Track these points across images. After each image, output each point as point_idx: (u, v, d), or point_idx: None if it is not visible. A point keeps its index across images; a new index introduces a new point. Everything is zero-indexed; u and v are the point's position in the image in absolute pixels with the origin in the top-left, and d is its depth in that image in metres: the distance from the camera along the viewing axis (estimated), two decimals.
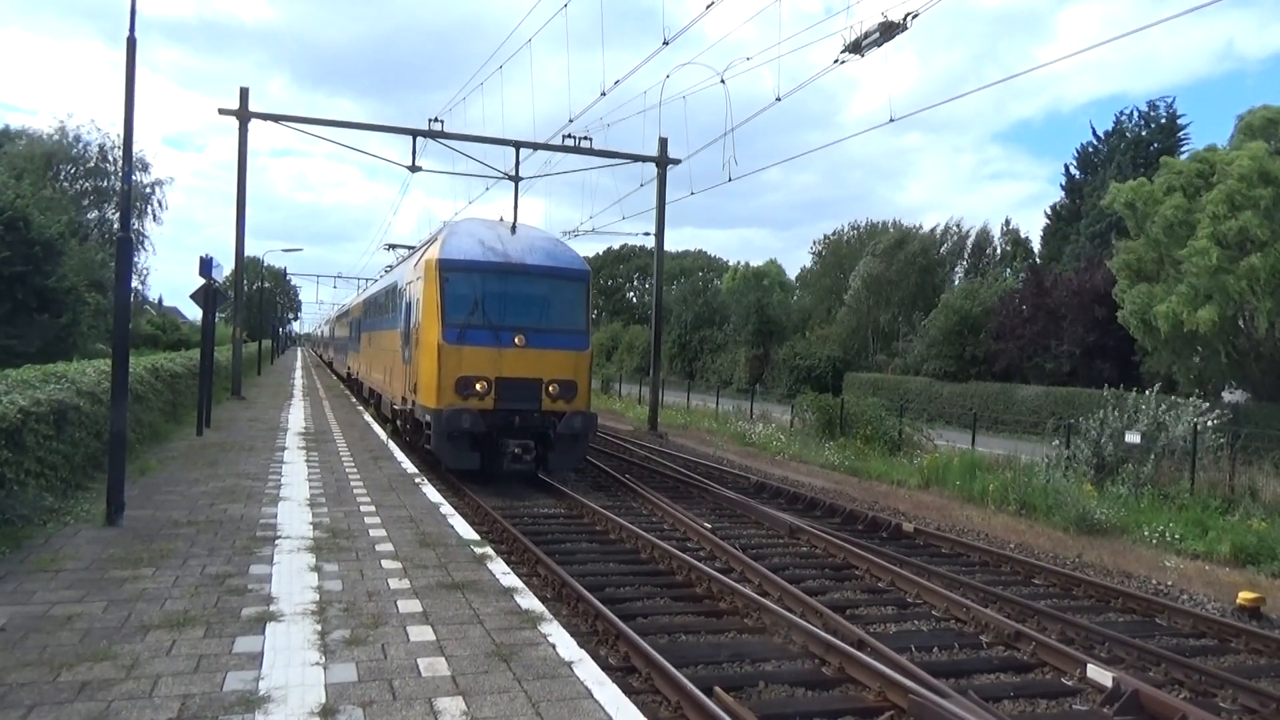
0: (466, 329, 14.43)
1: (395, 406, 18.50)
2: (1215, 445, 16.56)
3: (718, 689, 6.83)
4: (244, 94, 25.63)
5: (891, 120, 15.73)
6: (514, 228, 16.23)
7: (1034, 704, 7.27)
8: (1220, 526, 13.16)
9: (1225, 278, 24.16)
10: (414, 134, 26.60)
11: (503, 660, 5.35)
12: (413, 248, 27.77)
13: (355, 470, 12.98)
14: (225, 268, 22.30)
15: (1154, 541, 13.13)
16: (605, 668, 5.70)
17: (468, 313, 14.54)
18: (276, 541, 8.15)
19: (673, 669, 7.01)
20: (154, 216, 50.94)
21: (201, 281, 17.07)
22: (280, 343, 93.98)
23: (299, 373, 49.07)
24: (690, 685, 6.69)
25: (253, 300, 60.82)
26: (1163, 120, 42.82)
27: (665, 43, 13.65)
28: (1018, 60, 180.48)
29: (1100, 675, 7.54)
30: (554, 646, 5.68)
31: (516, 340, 14.53)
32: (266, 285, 78.30)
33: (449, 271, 14.69)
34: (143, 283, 53.78)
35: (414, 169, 27.79)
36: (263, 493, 10.73)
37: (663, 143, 28.46)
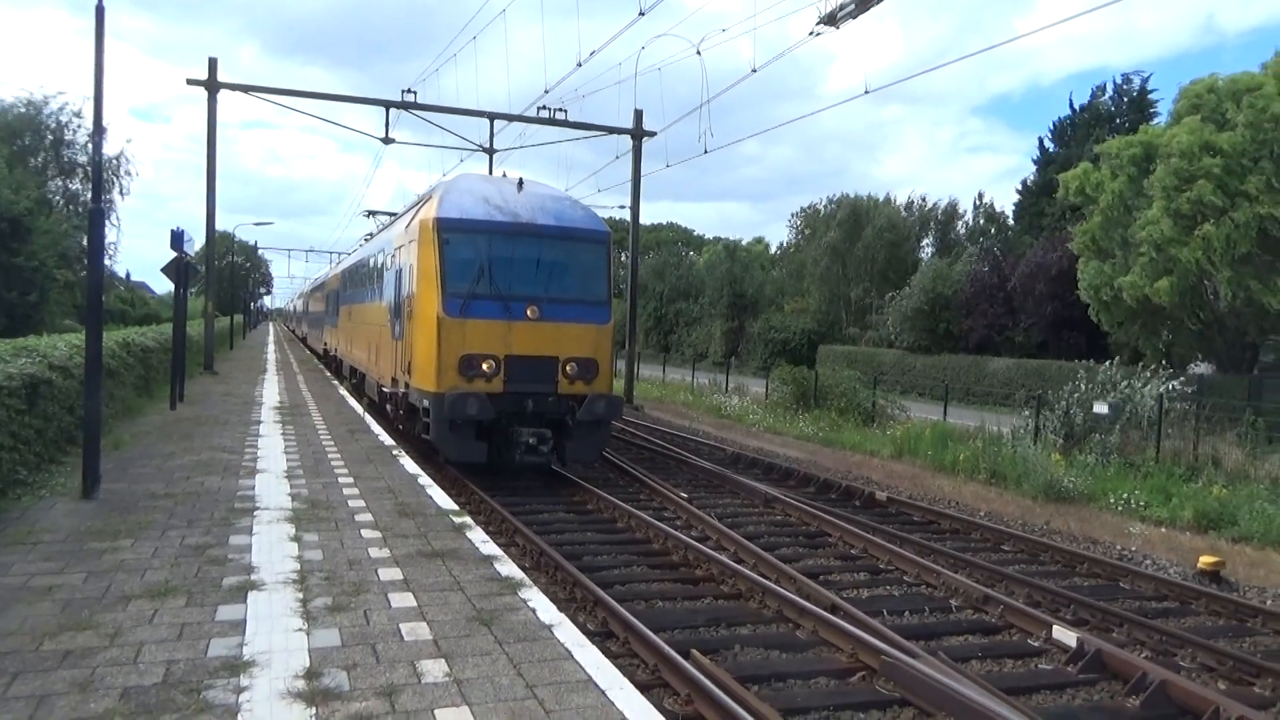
0: (471, 300, 12.37)
1: (384, 389, 16.16)
2: (1180, 415, 16.91)
3: (695, 652, 6.97)
4: (213, 64, 25.22)
5: (867, 92, 15.87)
6: (520, 184, 14.02)
7: (1001, 664, 7.48)
8: (1183, 494, 13.49)
9: (1179, 250, 24.54)
10: (387, 105, 26.33)
11: (484, 625, 5.44)
12: (394, 214, 25.85)
13: (332, 443, 12.98)
14: (196, 242, 22.07)
15: (1119, 508, 13.44)
16: (584, 632, 5.81)
17: (472, 281, 12.44)
18: (255, 513, 8.17)
19: (650, 633, 7.14)
20: (120, 189, 50.00)
21: (173, 255, 16.90)
22: (252, 318, 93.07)
23: (271, 348, 48.69)
24: (667, 648, 6.83)
25: (224, 275, 60.03)
26: (1135, 95, 43.15)
27: (641, 13, 13.45)
28: (1001, 32, 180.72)
29: (1065, 636, 7.77)
30: (534, 611, 5.78)
31: (529, 313, 12.56)
32: (238, 260, 77.28)
33: (449, 232, 12.60)
34: (110, 257, 52.88)
35: (387, 141, 27.53)
36: (239, 465, 10.72)
37: (638, 115, 28.35)
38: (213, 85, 25.12)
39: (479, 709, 4.26)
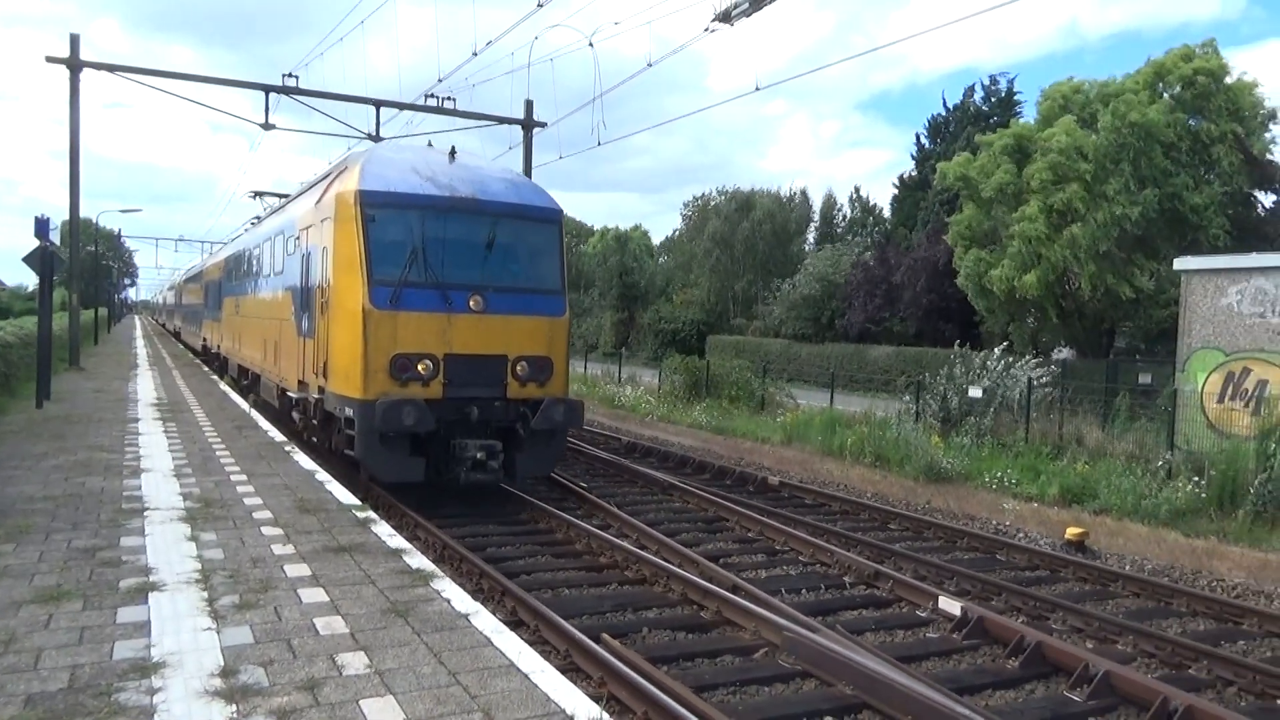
0: (403, 289, 10.60)
1: (289, 393, 13.97)
2: (1046, 398, 18.03)
3: (605, 636, 7.11)
4: (74, 40, 23.76)
5: (758, 89, 16.26)
6: (452, 154, 12.22)
7: (893, 634, 7.92)
8: (1050, 471, 14.42)
9: (1048, 247, 26.16)
10: (267, 89, 25.35)
11: (399, 616, 5.44)
12: (286, 196, 23.16)
13: (219, 440, 12.53)
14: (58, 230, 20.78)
15: (994, 486, 14.27)
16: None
17: (403, 266, 10.67)
18: (145, 513, 7.86)
19: (560, 619, 7.26)
20: None
21: (36, 244, 15.90)
22: (117, 311, 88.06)
23: (140, 341, 46.27)
24: (579, 634, 6.96)
25: (86, 265, 56.61)
26: (1002, 95, 45.46)
27: (540, 4, 13.37)
28: (880, 29, 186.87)
29: (950, 606, 8.27)
30: (449, 601, 5.80)
31: (471, 304, 10.84)
32: (100, 249, 72.99)
33: (375, 208, 10.76)
34: None
35: (267, 127, 26.51)
36: (121, 465, 10.25)
37: (528, 105, 28.19)
38: (75, 63, 23.66)
39: (404, 697, 4.29)
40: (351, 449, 10.81)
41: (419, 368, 10.63)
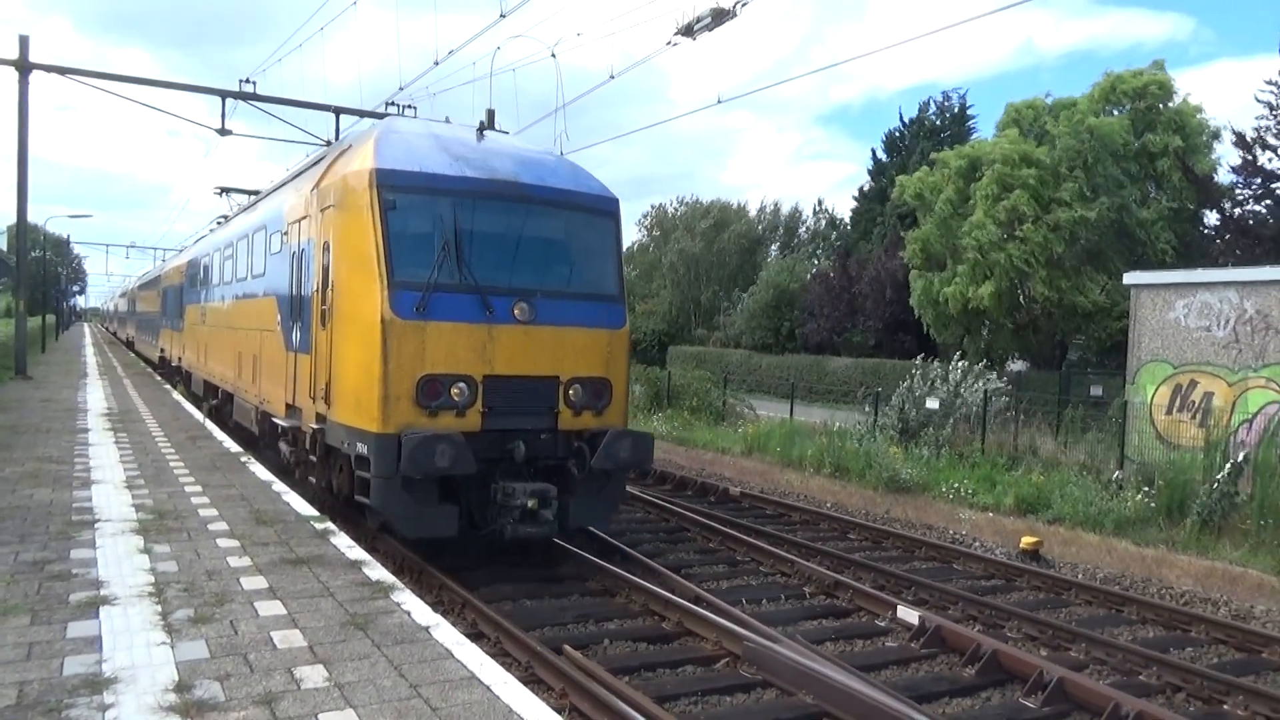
0: (433, 293, 8.61)
1: (275, 419, 11.74)
2: (1001, 409, 18.34)
3: (567, 647, 7.09)
4: (24, 42, 23.24)
5: (720, 101, 16.42)
6: (480, 130, 10.45)
7: (852, 644, 7.99)
8: (1005, 481, 14.67)
9: (1000, 254, 26.74)
10: (224, 94, 24.98)
11: (359, 629, 5.37)
12: (256, 193, 20.90)
13: (172, 450, 12.29)
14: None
15: (951, 497, 14.47)
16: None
17: (433, 265, 8.69)
18: (96, 525, 7.68)
19: (520, 632, 7.23)
20: None
21: None
22: (65, 318, 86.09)
23: (90, 350, 45.26)
24: (539, 646, 6.94)
25: (33, 271, 55.32)
26: (955, 111, 46.31)
27: (503, 15, 13.36)
28: (842, 44, 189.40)
29: (908, 615, 8.37)
30: (409, 613, 5.74)
31: (516, 312, 8.92)
32: (48, 255, 71.29)
33: (397, 192, 8.77)
34: None
35: (223, 132, 26.08)
36: (71, 476, 10.01)
37: (490, 114, 28.02)
38: (24, 65, 23.13)
39: (364, 711, 4.24)
40: (364, 495, 8.80)
41: (452, 392, 8.63)
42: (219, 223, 23.46)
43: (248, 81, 25.41)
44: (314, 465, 10.36)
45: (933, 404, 17.53)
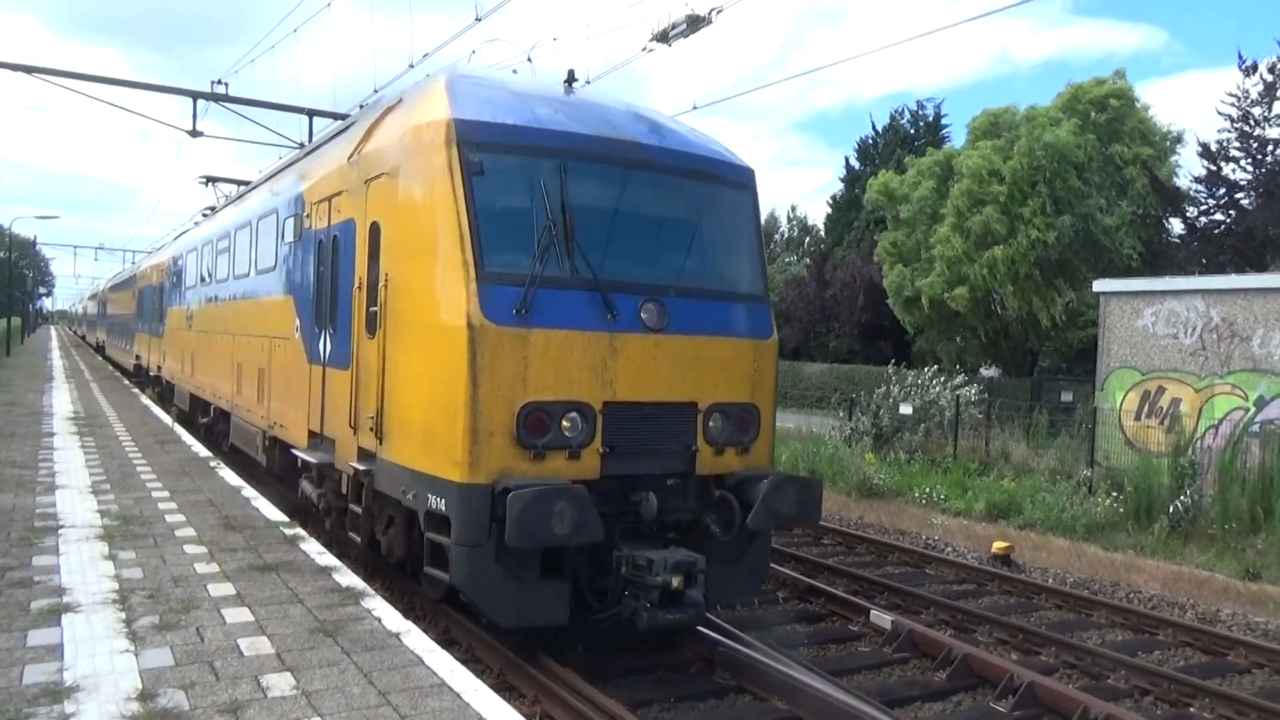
0: (537, 287, 6.45)
1: (295, 451, 9.39)
2: (974, 415, 18.51)
3: (540, 654, 7.04)
4: None
5: (695, 108, 16.47)
6: (569, 81, 8.02)
7: (825, 648, 8.01)
8: (977, 486, 14.78)
9: (969, 267, 27.01)
10: (195, 96, 24.64)
11: (328, 636, 5.31)
12: (246, 183, 18.71)
13: (140, 455, 12.12)
14: None
15: (923, 502, 14.56)
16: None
17: (536, 250, 6.53)
18: (60, 531, 7.55)
19: (493, 638, 7.16)
20: None
21: None
22: (31, 321, 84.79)
23: (56, 353, 44.60)
24: (509, 653, 6.88)
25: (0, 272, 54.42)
26: (929, 119, 46.76)
27: (478, 18, 13.32)
28: (821, 51, 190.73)
29: (881, 620, 8.39)
30: (379, 620, 5.68)
31: (644, 315, 6.77)
32: (14, 256, 70.17)
33: (485, 150, 6.61)
34: None
35: (194, 134, 25.79)
36: (35, 481, 9.84)
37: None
38: None
39: (332, 718, 4.18)
40: (437, 566, 6.65)
41: (563, 426, 6.43)
42: (205, 214, 20.91)
43: (219, 83, 25.14)
44: (354, 517, 8.01)
45: (906, 409, 17.65)
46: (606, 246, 6.84)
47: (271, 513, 8.84)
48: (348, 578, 6.68)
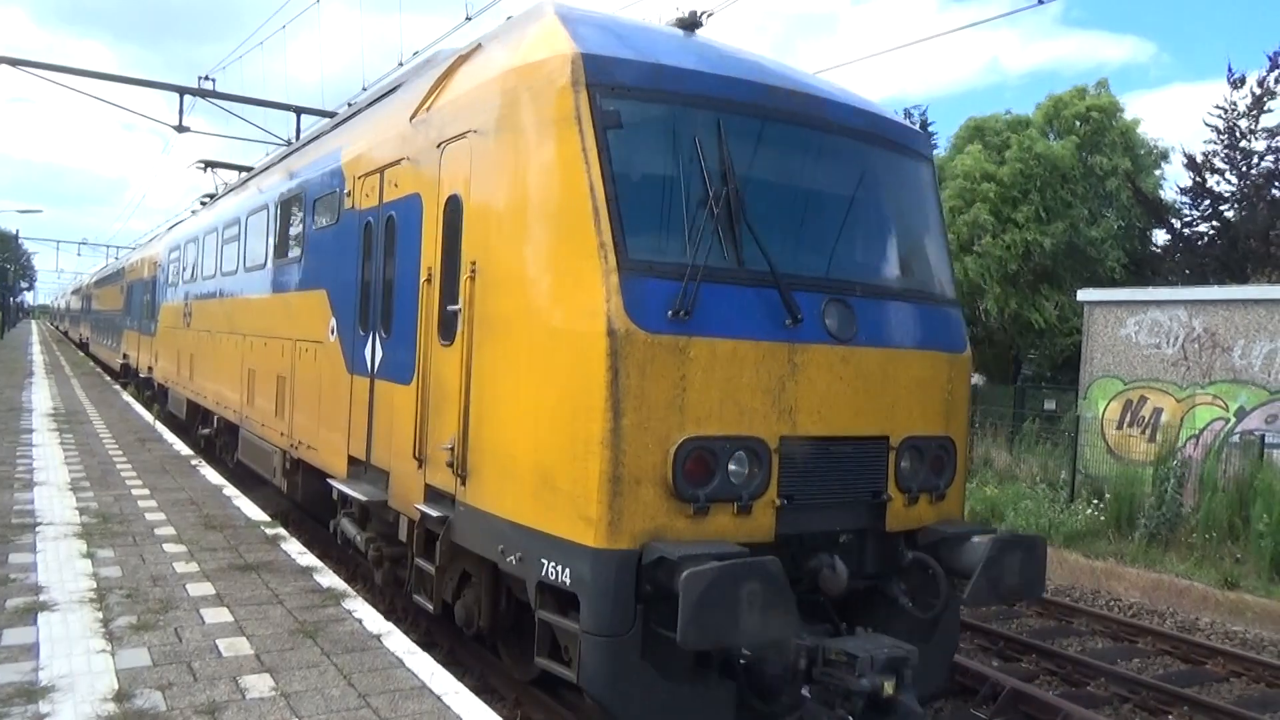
0: (700, 280, 4.85)
1: (332, 481, 7.60)
2: None
3: None
4: None
5: None
6: (689, 26, 6.21)
7: None
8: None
9: (958, 261, 27.24)
10: (182, 91, 24.51)
11: (308, 637, 5.27)
12: (248, 169, 17.31)
13: (120, 452, 12.01)
14: None
15: None
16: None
17: (688, 231, 5.00)
18: (37, 529, 7.47)
19: (474, 642, 7.13)
20: None
21: None
22: (11, 315, 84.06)
23: (37, 348, 44.19)
24: (490, 656, 6.85)
25: None
26: (918, 126, 47.17)
27: (468, 18, 13.27)
28: (812, 57, 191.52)
29: None
30: (360, 621, 5.65)
31: (829, 322, 5.29)
32: None
33: (623, 97, 5.07)
34: None
35: (181, 129, 25.64)
36: (12, 478, 9.73)
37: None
38: None
39: None
40: (558, 660, 5.04)
41: (729, 470, 4.87)
42: (204, 202, 19.56)
43: (207, 78, 24.99)
44: (422, 575, 6.16)
45: None
46: (778, 229, 5.32)
47: (253, 512, 8.78)
48: (329, 578, 6.64)
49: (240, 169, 19.70)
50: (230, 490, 9.80)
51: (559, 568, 4.75)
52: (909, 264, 6.13)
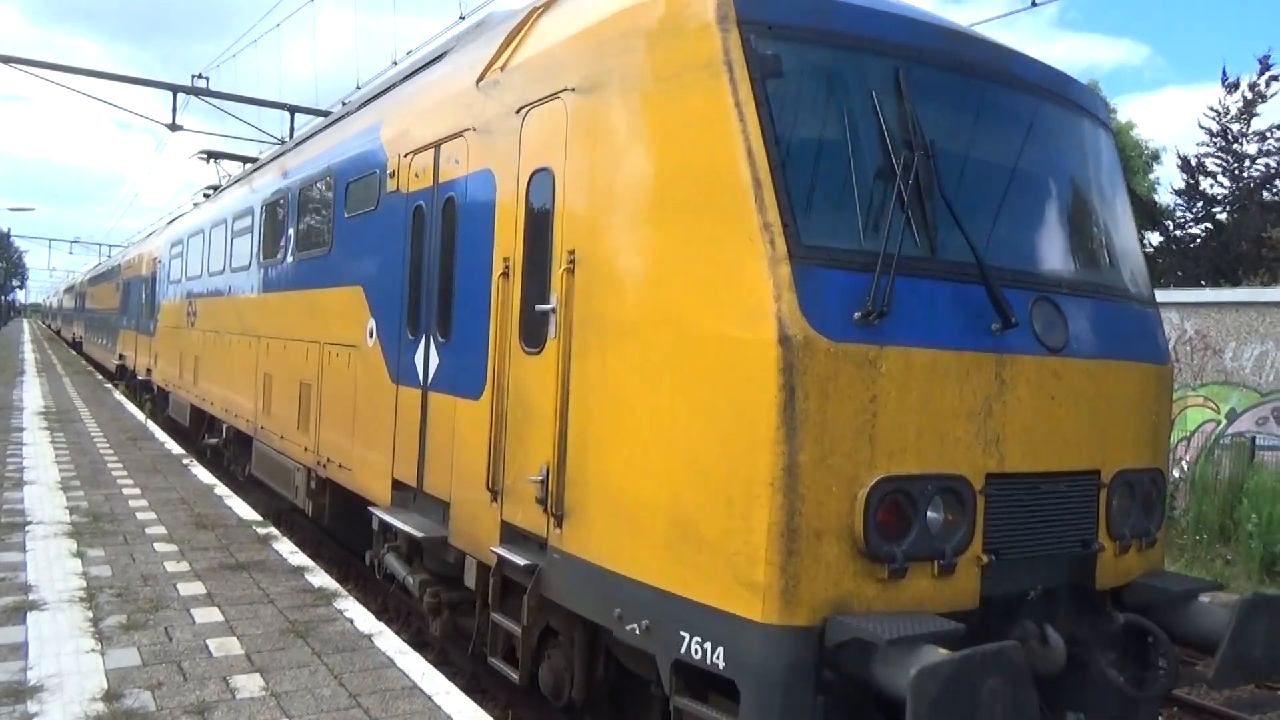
0: (892, 275, 3.67)
1: (378, 512, 6.42)
2: None
3: None
4: None
5: None
6: None
7: None
8: None
9: None
10: (175, 89, 24.45)
11: (299, 637, 5.26)
12: (254, 160, 16.39)
13: (111, 451, 11.98)
14: None
15: None
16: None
17: (880, 213, 3.86)
18: (27, 528, 7.45)
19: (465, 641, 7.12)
20: None
21: None
22: (2, 313, 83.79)
23: (29, 347, 44.04)
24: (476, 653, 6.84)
25: None
26: None
27: (462, 17, 13.25)
28: None
29: None
30: (351, 621, 5.64)
31: (1038, 328, 4.09)
32: None
33: (782, 39, 3.94)
34: None
35: (174, 128, 25.56)
36: (2, 476, 9.71)
37: None
38: None
39: None
40: None
41: (928, 519, 3.80)
42: (207, 194, 18.26)
43: (200, 77, 24.92)
44: (500, 633, 5.08)
45: None
46: (973, 208, 4.19)
47: (245, 511, 8.77)
48: (320, 578, 6.63)
49: (245, 160, 18.95)
50: (222, 490, 9.78)
51: (707, 645, 3.68)
52: (1111, 254, 5.00)
